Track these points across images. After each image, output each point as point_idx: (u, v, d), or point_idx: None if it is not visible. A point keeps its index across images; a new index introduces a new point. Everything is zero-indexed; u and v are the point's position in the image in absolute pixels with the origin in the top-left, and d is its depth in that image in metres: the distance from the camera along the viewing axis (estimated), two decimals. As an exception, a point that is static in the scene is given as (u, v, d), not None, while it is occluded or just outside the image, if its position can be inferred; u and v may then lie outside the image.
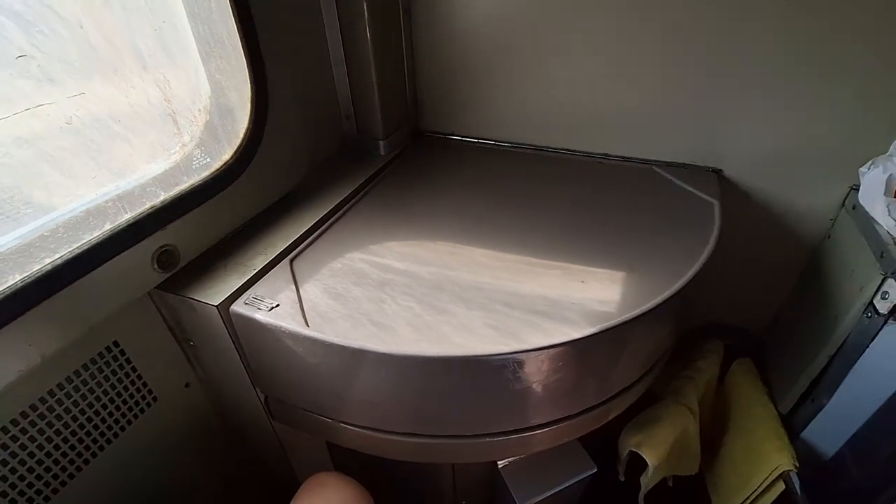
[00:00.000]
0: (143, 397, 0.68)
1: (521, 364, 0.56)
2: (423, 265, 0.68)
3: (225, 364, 0.69)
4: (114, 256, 0.57)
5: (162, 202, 0.61)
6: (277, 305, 0.61)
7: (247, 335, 0.63)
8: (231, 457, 0.87)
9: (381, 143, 1.00)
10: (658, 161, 0.95)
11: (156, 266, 0.62)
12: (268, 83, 0.73)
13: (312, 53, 0.87)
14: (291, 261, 0.70)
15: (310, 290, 0.64)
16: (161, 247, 0.62)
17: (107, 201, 0.57)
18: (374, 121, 0.98)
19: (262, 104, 0.73)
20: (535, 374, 0.58)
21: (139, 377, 0.67)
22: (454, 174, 0.96)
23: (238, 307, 0.61)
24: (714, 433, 1.02)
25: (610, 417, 0.75)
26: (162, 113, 0.70)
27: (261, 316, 0.60)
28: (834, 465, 0.84)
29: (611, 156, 0.98)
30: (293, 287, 0.65)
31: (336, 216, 0.81)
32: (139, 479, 0.71)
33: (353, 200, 0.86)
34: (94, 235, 0.55)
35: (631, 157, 0.97)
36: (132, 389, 0.66)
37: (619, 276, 0.66)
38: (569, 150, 1.01)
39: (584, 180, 0.92)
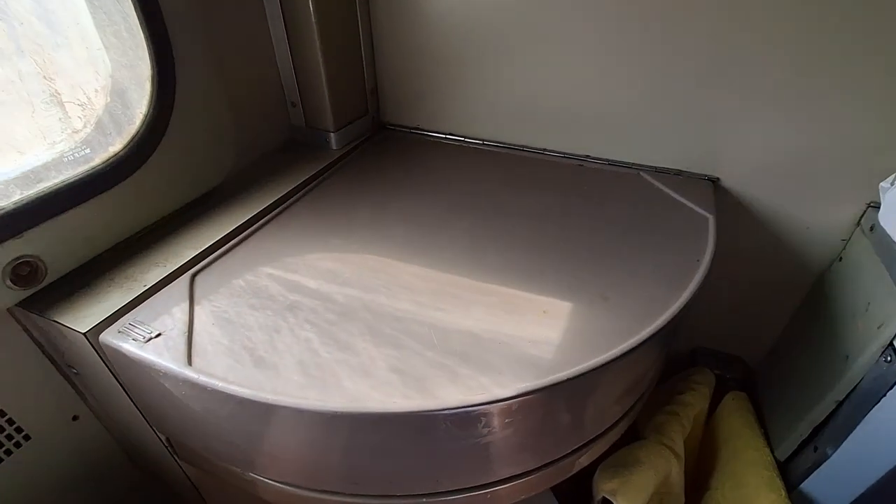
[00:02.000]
0: (10, 437, 0.57)
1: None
2: (340, 285, 0.56)
3: (114, 398, 0.58)
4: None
5: (14, 205, 0.49)
6: (158, 335, 0.49)
7: (122, 369, 0.51)
8: (142, 494, 0.76)
9: (332, 135, 0.88)
10: (646, 166, 0.84)
11: (9, 282, 0.50)
12: (174, 59, 0.61)
13: (244, 26, 0.74)
14: (194, 275, 0.58)
15: (202, 314, 0.52)
16: (17, 258, 0.50)
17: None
18: (323, 110, 0.86)
19: (166, 85, 0.61)
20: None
21: (2, 414, 0.55)
22: (413, 174, 0.84)
23: (109, 335, 0.50)
24: (701, 475, 0.91)
25: (580, 467, 0.63)
26: (40, 93, 0.58)
27: (131, 348, 0.48)
28: (837, 526, 0.73)
29: (593, 158, 0.86)
30: (187, 309, 0.53)
31: (264, 220, 0.69)
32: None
33: (290, 201, 0.75)
34: None
35: (616, 161, 0.85)
36: (-11, 429, 0.55)
37: (584, 306, 0.54)
38: (547, 151, 0.90)
39: (561, 185, 0.80)
